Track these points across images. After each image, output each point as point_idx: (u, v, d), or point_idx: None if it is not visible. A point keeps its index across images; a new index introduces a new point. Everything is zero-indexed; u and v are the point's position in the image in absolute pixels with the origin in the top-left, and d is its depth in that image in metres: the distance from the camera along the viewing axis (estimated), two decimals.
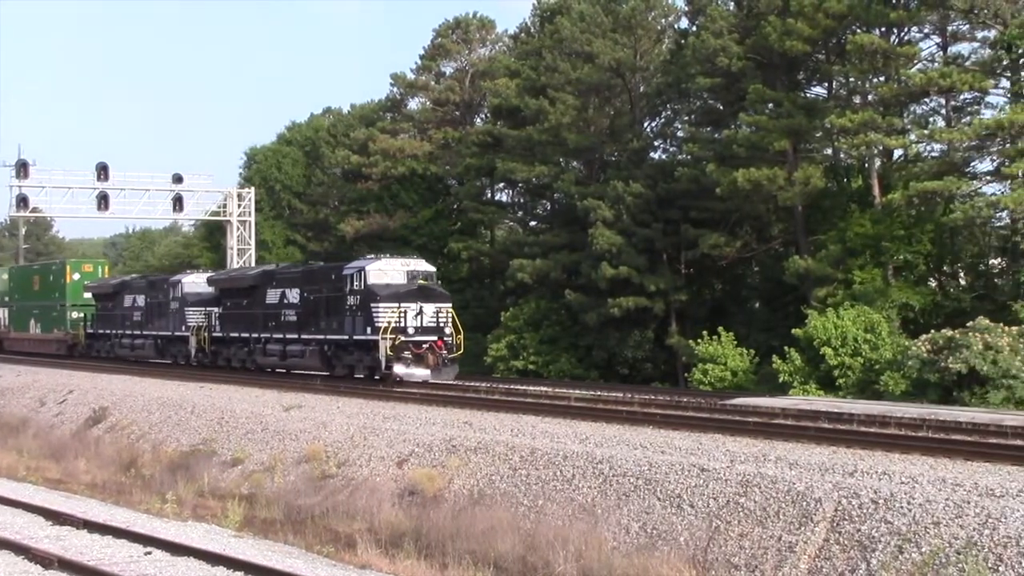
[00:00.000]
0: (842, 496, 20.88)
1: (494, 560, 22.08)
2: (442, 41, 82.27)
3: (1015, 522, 18.48)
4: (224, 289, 54.88)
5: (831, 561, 19.73)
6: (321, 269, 50.41)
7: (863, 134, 50.90)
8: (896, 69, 52.76)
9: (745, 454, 24.81)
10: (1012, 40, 48.15)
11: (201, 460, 34.79)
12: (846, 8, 52.15)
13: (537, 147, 66.68)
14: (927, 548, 18.79)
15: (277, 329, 49.47)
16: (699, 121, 64.59)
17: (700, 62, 58.42)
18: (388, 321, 41.30)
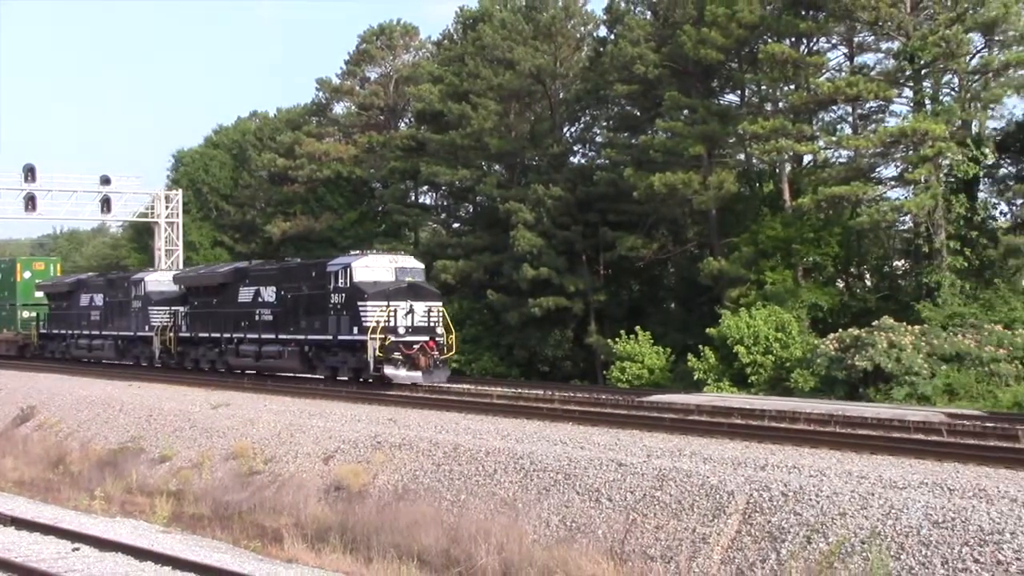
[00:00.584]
0: (754, 489, 21.04)
1: (418, 553, 22.06)
2: (367, 47, 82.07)
3: (916, 512, 18.71)
4: (191, 287, 51.96)
5: (743, 552, 19.87)
6: (300, 266, 46.86)
7: (774, 140, 51.42)
8: (805, 78, 53.34)
9: (661, 449, 24.93)
10: (914, 51, 48.76)
11: (129, 457, 34.50)
12: (758, 19, 52.70)
13: (460, 151, 66.72)
14: (834, 538, 18.97)
15: (251, 329, 46.39)
16: (617, 127, 64.95)
17: (618, 69, 58.75)
18: (377, 321, 38.16)
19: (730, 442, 25.58)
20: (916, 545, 18.11)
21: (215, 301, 48.95)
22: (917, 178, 48.59)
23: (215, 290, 49.14)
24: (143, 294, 53.70)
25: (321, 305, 41.13)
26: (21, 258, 75.61)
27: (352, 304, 39.02)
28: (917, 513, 18.75)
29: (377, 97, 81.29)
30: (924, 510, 18.77)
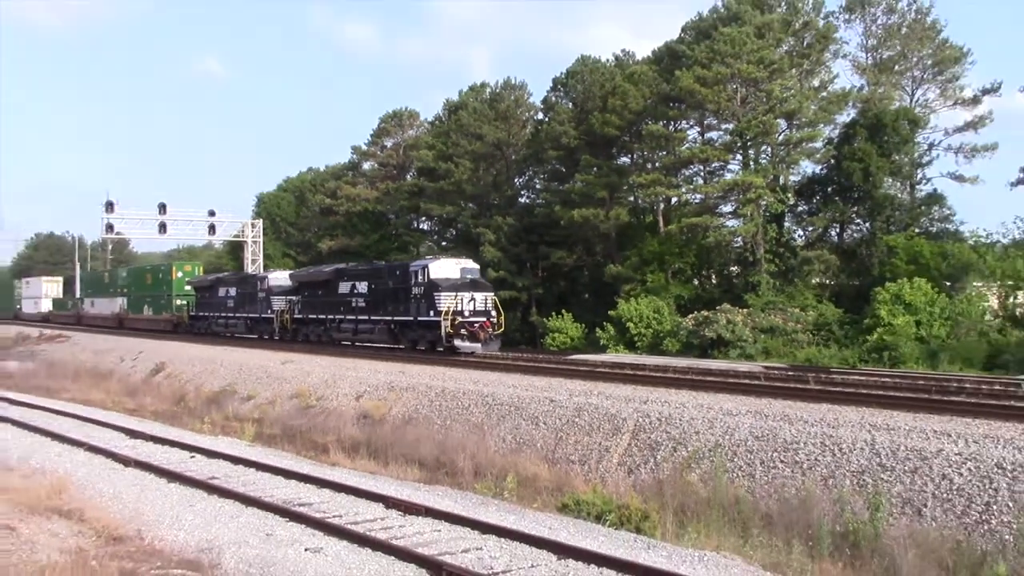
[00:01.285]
0: (639, 416, 21.21)
1: (419, 460, 22.10)
2: (384, 125, 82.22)
3: (744, 431, 18.95)
4: (303, 283, 48.23)
5: (632, 457, 20.04)
6: (387, 267, 42.96)
7: (653, 188, 51.86)
8: (673, 147, 53.67)
9: (579, 390, 25.05)
10: (743, 130, 49.27)
11: (227, 396, 34.25)
12: (642, 107, 52.97)
13: (446, 194, 66.64)
14: (691, 448, 19.18)
15: (349, 312, 42.88)
16: (550, 178, 64.90)
17: (550, 140, 58.95)
18: (448, 306, 35.41)
19: (624, 385, 25.70)
20: (744, 452, 18.36)
21: (320, 292, 45.77)
22: (745, 213, 49.15)
23: (320, 285, 45.91)
24: (266, 288, 50.31)
25: (404, 295, 38.15)
26: (175, 262, 74.33)
27: (429, 294, 36.47)
28: (744, 431, 18.99)
29: (392, 158, 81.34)
30: (749, 429, 19.00)
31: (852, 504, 15.46)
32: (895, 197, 49.83)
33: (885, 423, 18.15)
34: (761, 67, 48.01)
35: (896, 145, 48.00)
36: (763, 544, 14.83)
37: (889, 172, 48.50)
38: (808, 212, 52.56)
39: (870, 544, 14.17)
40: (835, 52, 55.36)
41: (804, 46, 52.36)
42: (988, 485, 14.69)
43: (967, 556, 13.39)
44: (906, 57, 55.50)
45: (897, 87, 55.43)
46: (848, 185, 48.55)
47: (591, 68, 60.82)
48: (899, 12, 55.85)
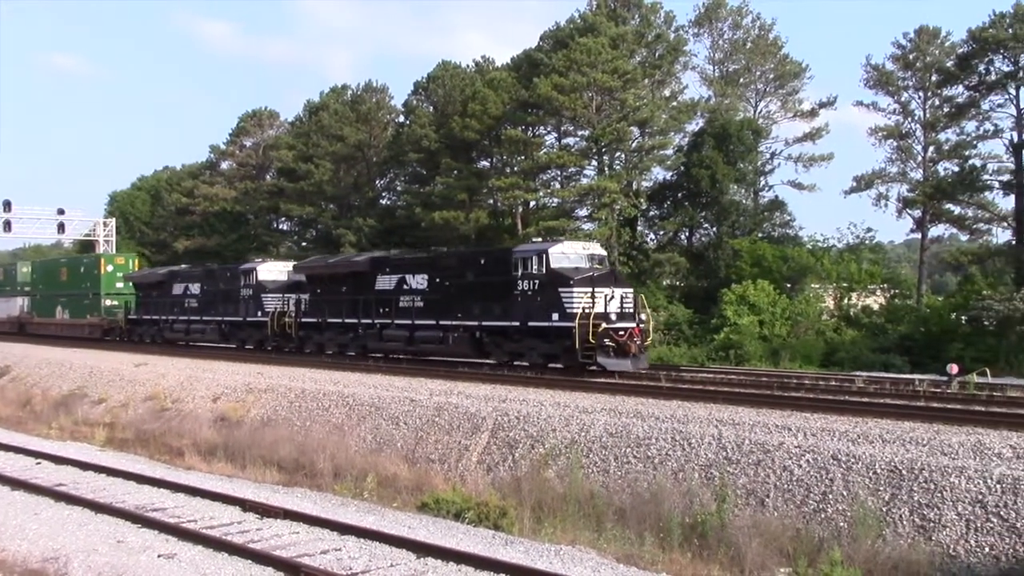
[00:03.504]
0: (498, 415, 21.27)
1: (277, 462, 21.61)
2: (244, 125, 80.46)
3: (599, 428, 19.22)
4: (315, 276, 36.72)
5: (491, 455, 20.07)
6: (464, 253, 32.92)
7: (512, 191, 52.12)
8: (531, 152, 54.14)
9: (439, 390, 24.95)
10: (598, 137, 50.17)
11: (76, 400, 32.76)
12: (501, 113, 53.23)
13: (307, 195, 65.66)
14: (548, 445, 19.34)
15: (394, 315, 32.22)
16: (411, 180, 64.63)
17: (411, 143, 58.73)
18: (582, 307, 25.80)
19: (483, 385, 25.72)
20: (599, 448, 18.61)
21: (344, 289, 34.58)
22: (600, 217, 50.00)
23: (344, 279, 34.84)
24: (254, 283, 39.37)
25: (502, 291, 28.30)
26: (104, 254, 61.04)
27: (551, 290, 26.81)
28: (600, 428, 19.26)
29: (251, 157, 79.66)
30: (604, 426, 19.28)
31: (700, 496, 15.87)
32: (740, 203, 51.68)
33: (731, 418, 18.71)
34: (615, 77, 48.98)
35: (741, 154, 49.77)
36: (617, 537, 15.06)
37: (734, 179, 50.23)
38: (659, 216, 53.93)
39: (717, 534, 14.57)
40: (685, 64, 57.21)
41: (656, 58, 53.70)
42: (825, 476, 15.31)
43: (806, 543, 13.92)
44: (750, 71, 57.73)
45: (742, 99, 57.56)
46: (697, 191, 50.00)
47: (452, 73, 60.93)
48: (744, 28, 58.04)
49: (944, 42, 51.08)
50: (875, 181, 52.40)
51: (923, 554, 13.04)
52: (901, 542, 13.52)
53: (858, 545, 13.48)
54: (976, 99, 46.97)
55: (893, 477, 14.61)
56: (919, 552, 13.11)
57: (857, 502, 14.30)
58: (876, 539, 13.64)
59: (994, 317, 37.27)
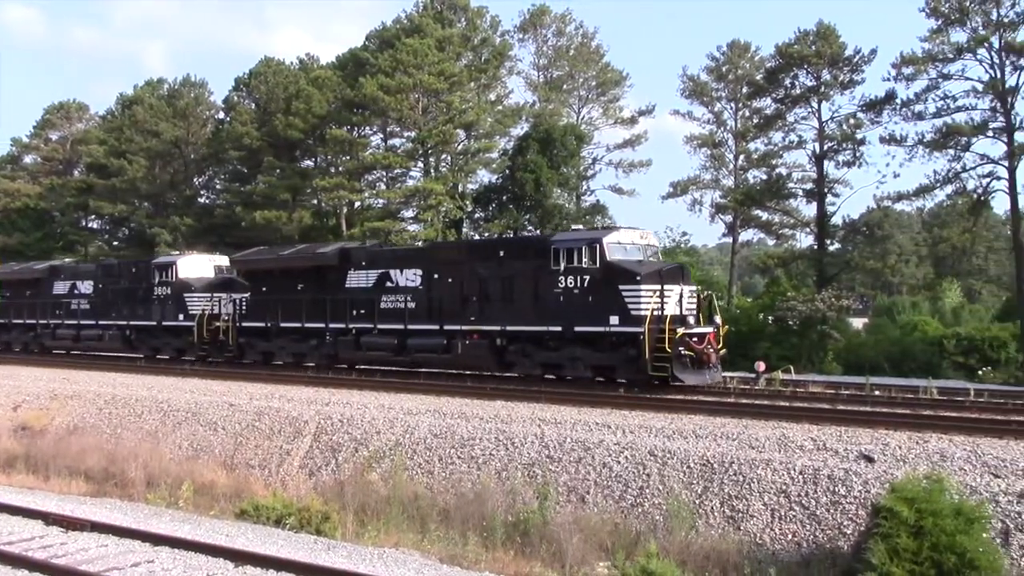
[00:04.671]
0: (321, 419, 20.92)
1: (85, 471, 20.54)
2: (49, 117, 75.94)
3: (424, 429, 19.21)
4: (259, 272, 31.18)
5: (313, 459, 19.73)
6: (472, 244, 29.00)
7: (336, 192, 51.49)
8: (356, 152, 53.61)
9: (260, 394, 24.31)
10: (424, 138, 50.20)
11: None
12: (326, 112, 52.50)
13: (119, 192, 62.75)
14: (372, 448, 19.18)
15: (381, 318, 27.05)
16: (231, 179, 62.82)
17: (232, 141, 57.16)
18: (651, 308, 21.45)
19: (306, 388, 25.28)
20: (424, 450, 18.59)
21: (302, 287, 29.39)
22: (426, 218, 50.04)
23: (302, 275, 29.63)
24: (173, 280, 33.46)
25: (536, 289, 23.73)
26: None
27: (607, 288, 22.27)
28: (424, 429, 19.24)
29: (57, 152, 75.21)
30: (429, 427, 19.28)
31: (523, 495, 16.09)
32: (563, 206, 52.80)
33: (553, 417, 19.05)
34: (442, 79, 49.14)
35: (564, 158, 50.84)
36: (441, 538, 15.08)
37: (558, 183, 51.30)
38: (485, 219, 54.41)
39: (539, 531, 14.80)
40: (510, 69, 58.02)
41: (482, 61, 54.22)
42: (642, 471, 15.81)
43: (624, 536, 14.33)
44: (573, 77, 59.08)
45: (565, 104, 58.86)
46: (521, 194, 50.74)
47: (275, 70, 59.55)
48: (567, 35, 59.36)
49: (754, 56, 53.85)
50: (690, 187, 54.77)
51: (732, 543, 13.66)
52: (713, 532, 14.11)
53: (673, 537, 13.98)
54: (782, 111, 49.69)
55: (705, 471, 15.23)
56: (729, 542, 13.72)
57: (672, 496, 14.83)
58: (690, 531, 14.18)
59: (797, 317, 39.48)
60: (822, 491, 13.92)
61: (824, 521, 13.50)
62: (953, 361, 43.01)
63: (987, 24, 42.53)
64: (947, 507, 11.31)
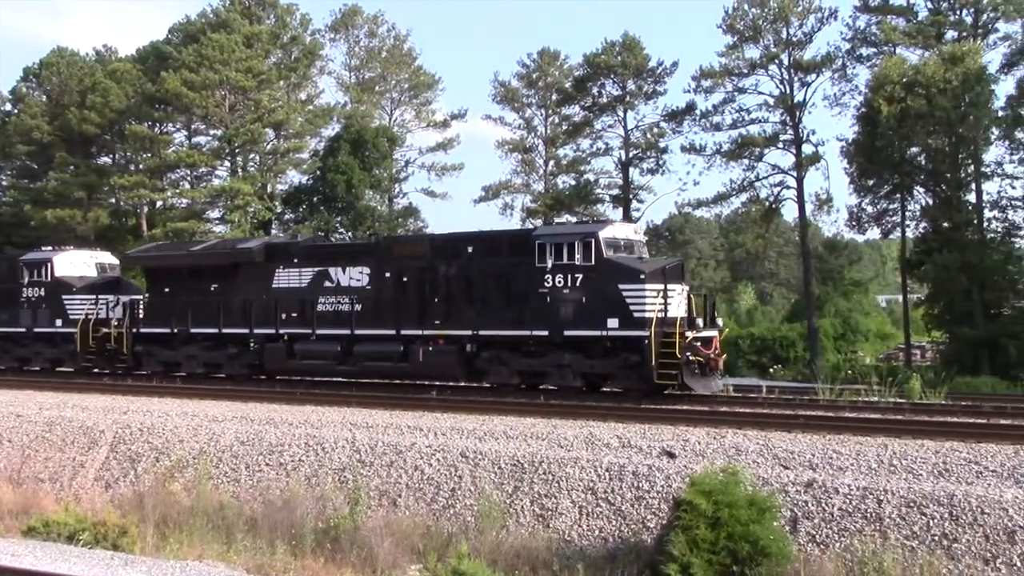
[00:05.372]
0: (118, 428, 19.90)
1: None
2: None
3: (230, 436, 18.57)
4: (163, 270, 27.88)
5: (110, 471, 18.76)
6: (434, 239, 24.91)
7: (136, 190, 49.41)
8: (158, 149, 51.56)
9: (51, 403, 22.88)
10: (231, 137, 48.84)
11: None
12: (125, 107, 50.31)
13: None
14: (175, 457, 18.42)
15: (320, 323, 24.51)
16: (19, 175, 59.08)
17: (20, 134, 53.95)
18: (656, 309, 19.82)
19: (102, 396, 24.04)
20: (230, 458, 18.01)
21: (217, 287, 26.42)
22: (233, 219, 48.66)
23: (217, 273, 26.53)
24: (48, 280, 29.26)
25: (515, 289, 21.65)
26: None
27: (605, 287, 20.39)
28: (230, 437, 18.64)
29: None
30: (235, 434, 18.69)
31: (334, 500, 15.84)
32: (375, 208, 52.48)
33: (365, 421, 18.86)
34: (250, 76, 47.95)
35: (376, 160, 50.57)
36: (247, 548, 14.66)
37: (370, 185, 50.97)
38: (295, 220, 53.38)
39: (350, 537, 14.61)
40: (321, 68, 57.17)
41: (292, 60, 53.24)
42: (454, 473, 15.87)
43: (436, 538, 14.34)
44: (386, 79, 58.79)
45: (377, 106, 58.51)
46: (332, 196, 50.08)
47: (68, 60, 56.42)
48: (380, 37, 59.00)
49: (563, 64, 55.12)
50: (502, 191, 55.45)
51: (542, 541, 13.90)
52: (523, 531, 14.32)
53: (484, 537, 14.10)
54: (590, 119, 51.26)
55: (516, 470, 15.44)
56: (538, 539, 13.96)
57: (483, 496, 14.96)
58: (500, 530, 14.34)
59: None
60: (627, 487, 14.37)
61: (629, 516, 13.94)
62: (748, 360, 45.53)
63: (778, 42, 45.29)
64: (741, 498, 11.89)
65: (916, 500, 12.44)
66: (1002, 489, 12.50)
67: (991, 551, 11.58)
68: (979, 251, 37.05)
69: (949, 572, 11.54)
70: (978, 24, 42.05)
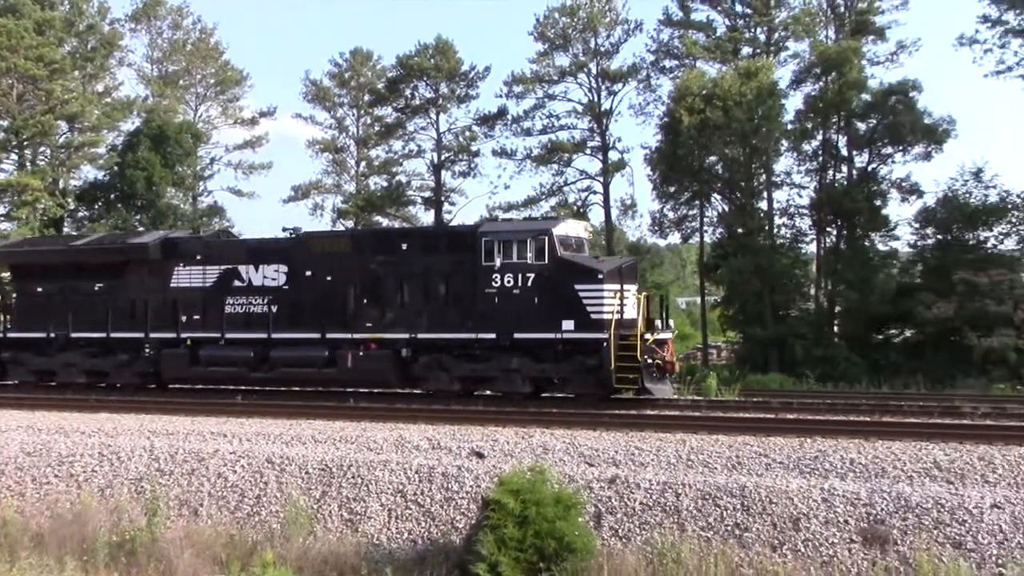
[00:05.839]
0: None
1: None
2: None
3: (14, 447, 17.46)
4: (33, 267, 25.46)
5: None
6: (363, 235, 24.65)
7: None
8: None
9: None
10: (19, 128, 45.88)
11: None
12: None
13: None
14: None
15: (229, 326, 22.60)
16: None
17: None
18: (613, 311, 19.10)
19: None
20: (14, 470, 16.97)
21: (101, 287, 24.15)
22: (21, 216, 45.65)
23: (102, 272, 24.22)
24: None
25: (459, 289, 20.63)
26: None
27: (559, 287, 19.53)
28: (15, 448, 17.57)
29: None
30: (20, 445, 17.63)
31: (130, 512, 15.13)
32: (178, 207, 50.57)
33: (164, 428, 18.15)
34: (41, 65, 45.10)
35: (179, 157, 48.78)
36: (33, 565, 13.79)
37: (172, 182, 49.08)
38: (90, 218, 50.67)
39: (147, 550, 13.99)
40: (121, 60, 54.43)
41: (88, 49, 50.45)
42: (259, 479, 15.46)
43: (240, 547, 13.93)
44: (190, 73, 56.62)
45: (182, 101, 56.25)
46: (132, 193, 47.92)
47: None
48: (185, 29, 56.74)
49: (376, 65, 54.68)
50: (312, 191, 54.45)
51: (350, 545, 13.74)
52: (331, 536, 14.11)
53: (291, 544, 13.80)
54: (403, 120, 51.19)
55: (324, 475, 15.20)
56: (347, 544, 13.78)
57: (290, 502, 14.64)
58: (308, 536, 14.08)
59: None
60: (437, 488, 14.40)
61: (439, 517, 13.97)
62: None
63: (586, 51, 46.57)
64: (548, 496, 12.13)
65: (711, 492, 13.05)
66: (788, 479, 13.28)
67: (778, 538, 12.29)
68: (769, 256, 39.24)
69: (741, 560, 12.16)
70: (771, 42, 44.61)
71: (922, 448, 14.36)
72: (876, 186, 40.08)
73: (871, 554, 11.77)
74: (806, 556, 11.97)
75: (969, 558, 11.36)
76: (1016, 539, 11.50)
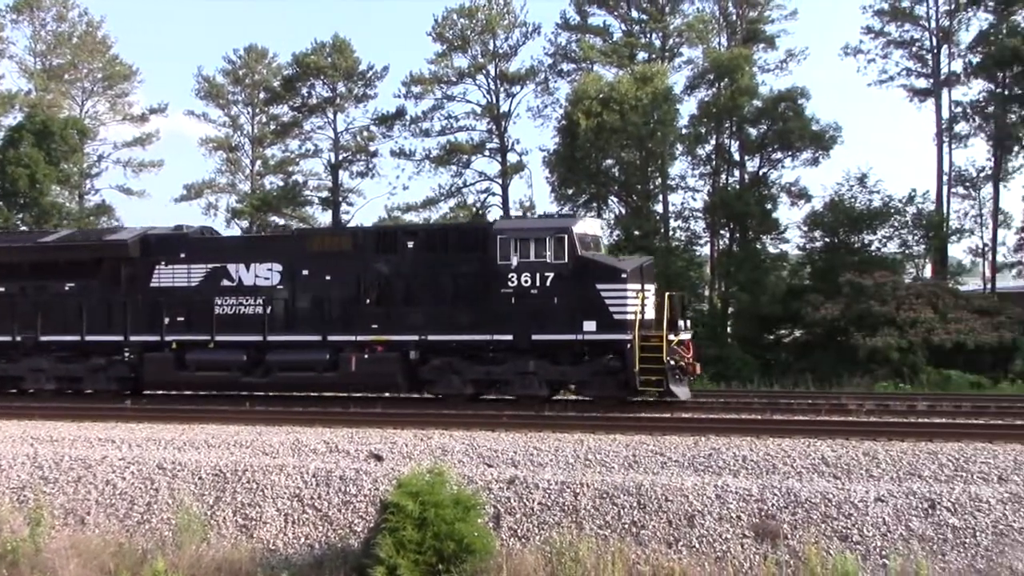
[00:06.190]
0: None
1: None
2: None
3: None
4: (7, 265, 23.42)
5: None
6: (367, 232, 23.14)
7: None
8: None
9: None
10: None
11: None
12: None
13: None
14: None
15: (220, 328, 21.38)
16: None
17: None
18: (636, 311, 18.67)
19: None
20: None
21: (73, 286, 22.62)
22: None
23: (77, 270, 22.63)
24: None
25: (472, 290, 19.82)
26: None
27: (580, 287, 18.95)
28: None
29: None
30: None
31: (12, 522, 14.56)
32: (63, 206, 48.87)
33: (49, 435, 17.57)
34: None
35: (65, 154, 47.18)
36: None
37: (57, 180, 47.42)
38: None
39: (30, 561, 13.49)
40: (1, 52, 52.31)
41: None
42: (150, 486, 15.07)
43: (129, 557, 13.53)
44: (76, 67, 54.72)
45: (67, 96, 54.34)
46: (13, 191, 46.17)
47: None
48: (70, 22, 54.81)
49: (272, 63, 53.76)
50: (205, 190, 53.20)
51: (245, 552, 13.49)
52: (225, 543, 13.84)
53: (183, 552, 13.47)
54: (299, 119, 50.41)
55: (218, 480, 14.90)
56: (241, 550, 13.53)
57: (182, 509, 14.29)
58: (201, 543, 13.76)
59: None
60: (334, 492, 14.25)
61: (336, 521, 13.84)
62: None
63: (485, 53, 46.65)
64: (447, 498, 12.11)
65: (608, 491, 13.23)
66: (683, 477, 13.56)
67: (674, 535, 12.53)
68: (665, 258, 39.94)
69: (638, 557, 12.36)
70: (665, 48, 45.46)
71: (811, 444, 14.85)
72: (767, 190, 41.21)
73: (763, 549, 12.10)
74: (701, 552, 12.24)
75: (855, 550, 11.77)
76: (899, 531, 11.96)
